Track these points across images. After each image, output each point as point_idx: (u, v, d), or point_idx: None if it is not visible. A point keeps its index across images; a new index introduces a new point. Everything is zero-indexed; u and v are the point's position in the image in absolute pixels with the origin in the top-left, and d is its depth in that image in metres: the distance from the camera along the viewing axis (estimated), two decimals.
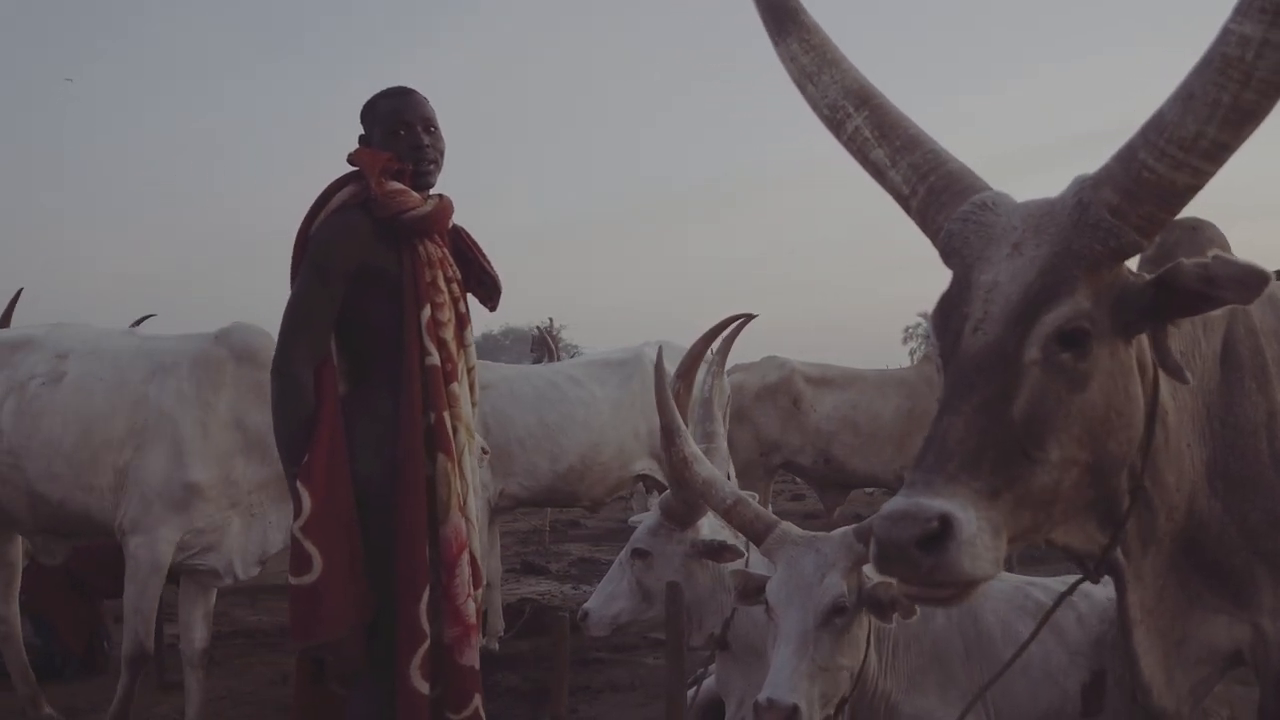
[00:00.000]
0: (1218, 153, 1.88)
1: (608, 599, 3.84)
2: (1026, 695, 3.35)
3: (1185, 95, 1.87)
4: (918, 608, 2.82)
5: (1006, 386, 1.95)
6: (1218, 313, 2.52)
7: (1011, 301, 2.00)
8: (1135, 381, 2.11)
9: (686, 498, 3.68)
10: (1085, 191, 2.02)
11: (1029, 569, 6.78)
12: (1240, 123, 1.84)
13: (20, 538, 5.34)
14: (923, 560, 1.81)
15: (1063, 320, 1.97)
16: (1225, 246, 2.63)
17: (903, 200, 2.30)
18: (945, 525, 1.80)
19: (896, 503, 1.86)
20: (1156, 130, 1.91)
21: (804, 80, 2.45)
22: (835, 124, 2.40)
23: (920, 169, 2.28)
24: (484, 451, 4.85)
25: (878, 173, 2.34)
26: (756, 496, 3.69)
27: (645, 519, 3.95)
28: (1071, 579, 2.78)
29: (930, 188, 2.25)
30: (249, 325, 4.91)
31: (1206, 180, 1.91)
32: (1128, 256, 2.03)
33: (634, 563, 3.83)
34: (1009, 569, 5.10)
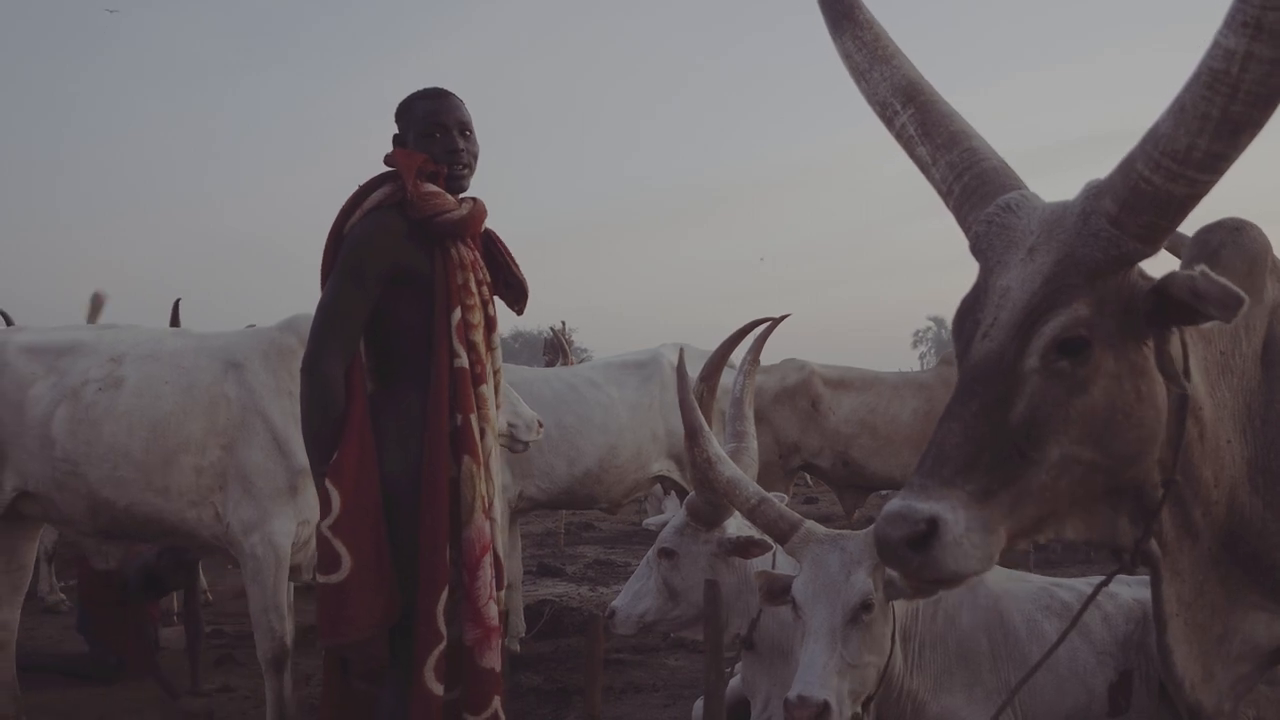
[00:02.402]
0: (1213, 163, 1.89)
1: (634, 598, 3.86)
2: (1053, 694, 3.36)
3: (1178, 108, 1.89)
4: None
5: (1006, 393, 2.01)
6: (1260, 312, 2.56)
7: (1017, 309, 2.05)
8: (1150, 380, 2.12)
9: (711, 499, 3.69)
10: (1089, 200, 2.06)
11: (1046, 571, 6.79)
12: (1232, 134, 1.86)
13: (37, 541, 5.34)
14: (912, 558, 1.93)
15: (1060, 329, 2.01)
16: (1267, 248, 2.65)
17: (943, 197, 2.35)
18: (933, 527, 1.91)
19: (894, 505, 1.96)
20: (1152, 142, 1.93)
21: (857, 77, 2.50)
22: (886, 120, 2.45)
23: (956, 167, 2.31)
24: (539, 424, 4.86)
25: (923, 169, 2.39)
26: (785, 498, 3.70)
27: (671, 519, 3.96)
28: (1096, 580, 2.79)
29: (965, 187, 2.29)
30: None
31: (1205, 190, 1.93)
32: (1131, 264, 2.06)
33: (660, 562, 3.85)
34: (1028, 570, 5.11)
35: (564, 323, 16.60)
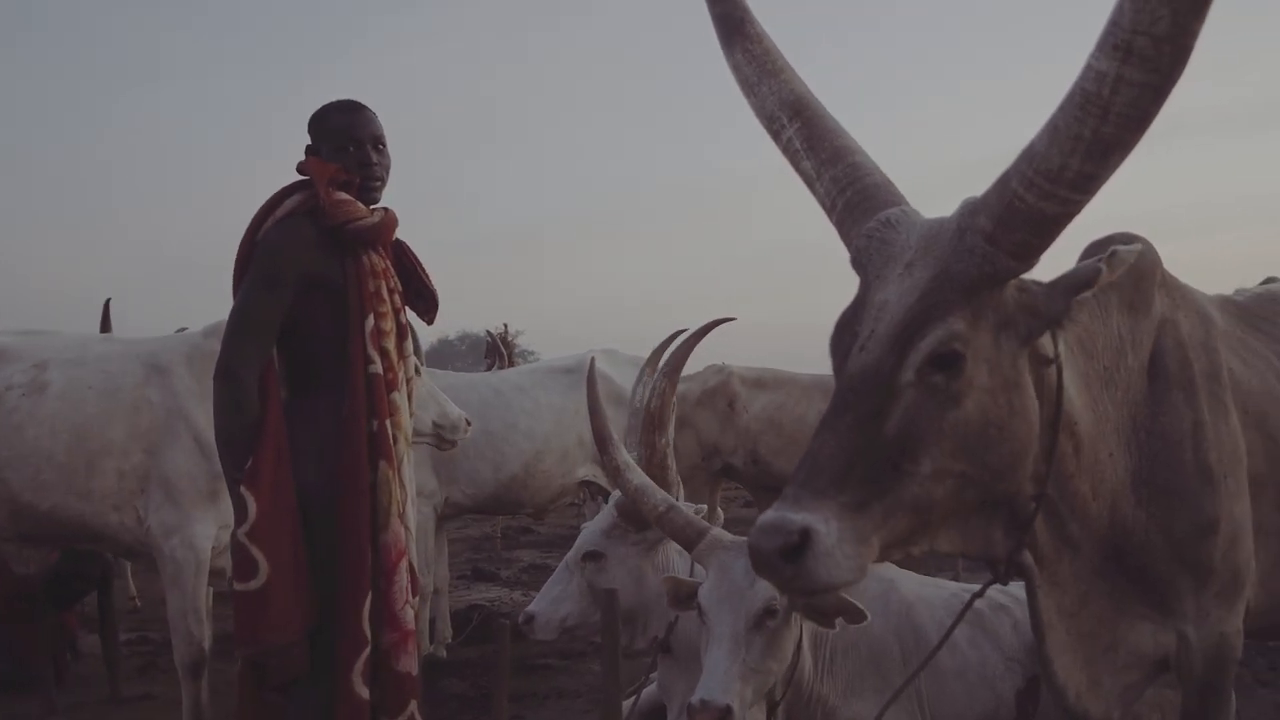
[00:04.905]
0: (1084, 183, 1.93)
1: (554, 602, 3.80)
2: (962, 699, 3.40)
3: (1052, 128, 1.93)
4: (867, 614, 2.91)
5: (881, 406, 2.03)
6: (1147, 326, 2.60)
7: (894, 323, 2.07)
8: (1022, 395, 2.16)
9: None
10: (965, 217, 2.09)
11: (977, 575, 6.84)
12: (1103, 155, 1.89)
13: None
14: (785, 569, 1.94)
15: (936, 343, 2.03)
16: (1156, 262, 2.71)
17: (826, 211, 2.37)
18: (805, 538, 1.91)
19: (767, 516, 1.97)
20: (1027, 160, 1.97)
21: (746, 90, 2.52)
22: (773, 133, 2.47)
23: (840, 182, 2.33)
24: (467, 423, 4.87)
25: (808, 183, 2.41)
26: (704, 509, 3.70)
27: (593, 523, 3.94)
28: (1011, 586, 2.83)
29: (848, 201, 2.31)
30: None
31: (1077, 209, 1.97)
32: (1004, 280, 2.09)
33: (585, 565, 3.79)
34: (954, 578, 5.14)
35: (506, 325, 16.45)
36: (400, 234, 3.57)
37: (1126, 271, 2.61)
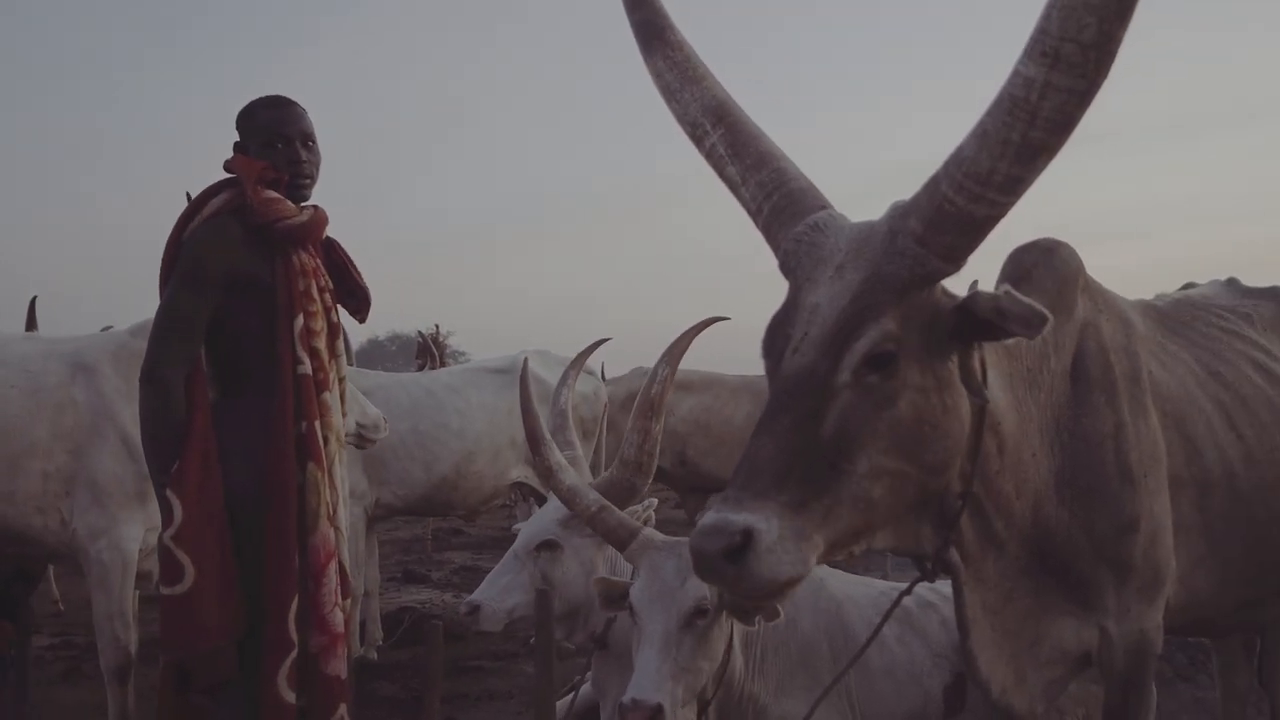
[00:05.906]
0: (1012, 186, 1.97)
1: (503, 591, 3.72)
2: (891, 696, 3.43)
3: (980, 132, 1.96)
4: (782, 611, 2.90)
5: (817, 407, 2.05)
6: (1070, 330, 2.66)
7: (827, 325, 2.09)
8: (955, 393, 2.20)
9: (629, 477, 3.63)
10: (895, 220, 2.12)
11: (905, 574, 6.91)
12: (1031, 158, 1.93)
13: None
14: (728, 570, 1.94)
15: (870, 344, 2.06)
16: (1079, 268, 2.76)
17: (752, 216, 2.38)
18: (747, 538, 1.93)
19: (708, 518, 1.98)
20: (956, 165, 2.00)
21: (668, 97, 2.53)
22: (696, 139, 2.47)
23: (766, 187, 2.35)
24: (385, 421, 4.84)
25: (732, 188, 2.42)
26: (655, 503, 3.71)
27: (543, 513, 3.90)
28: (939, 584, 2.87)
29: (774, 206, 2.33)
30: None
31: (1005, 211, 2.01)
32: (935, 282, 2.13)
33: (539, 555, 3.73)
34: (883, 577, 5.20)
35: (438, 325, 16.36)
36: (331, 232, 3.53)
37: (1050, 277, 2.68)
